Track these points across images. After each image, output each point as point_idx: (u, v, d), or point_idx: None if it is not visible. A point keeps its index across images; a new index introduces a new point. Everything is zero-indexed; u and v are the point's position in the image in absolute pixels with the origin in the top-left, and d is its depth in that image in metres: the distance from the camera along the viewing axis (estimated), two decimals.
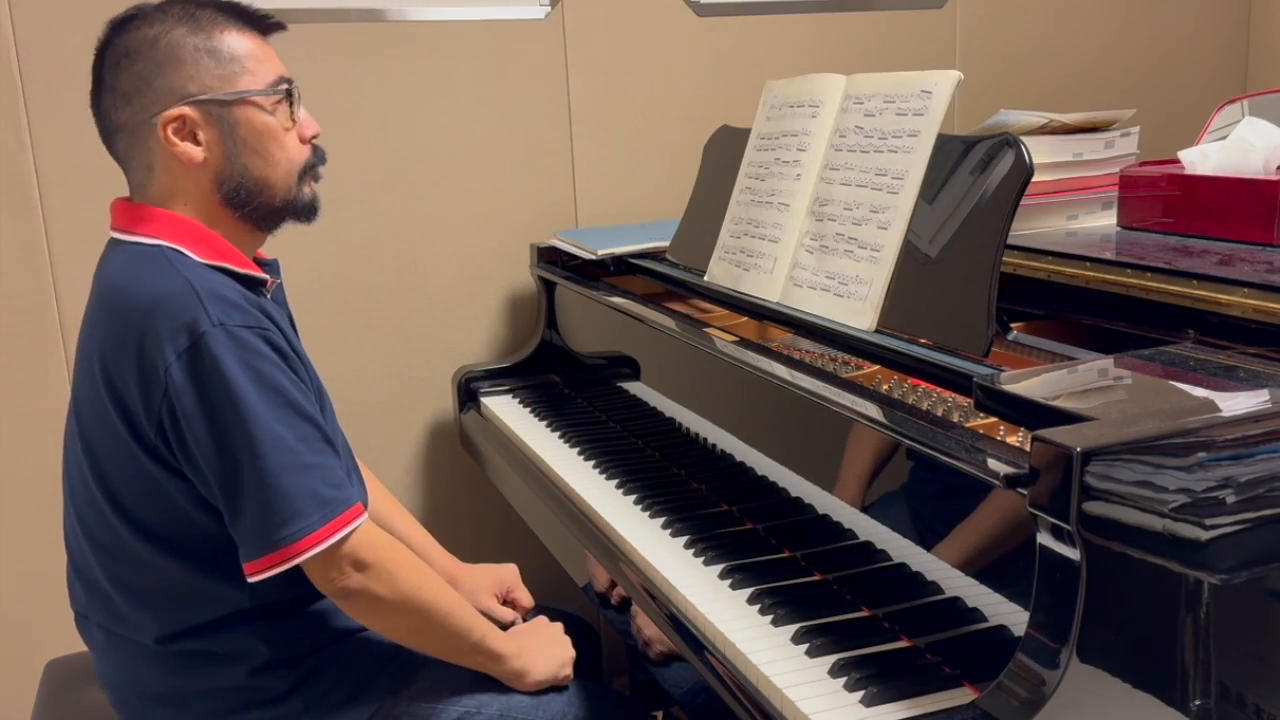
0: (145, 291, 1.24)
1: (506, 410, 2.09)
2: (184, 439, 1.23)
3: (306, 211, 1.40)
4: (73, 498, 1.37)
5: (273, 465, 1.22)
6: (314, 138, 1.40)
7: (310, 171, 1.39)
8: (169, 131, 1.28)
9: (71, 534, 1.38)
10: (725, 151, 1.81)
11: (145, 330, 1.22)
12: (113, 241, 1.34)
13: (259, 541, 1.23)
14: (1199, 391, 1.06)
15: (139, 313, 1.23)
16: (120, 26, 1.31)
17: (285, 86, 1.34)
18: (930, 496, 1.20)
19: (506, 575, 1.67)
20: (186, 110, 1.28)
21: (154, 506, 1.29)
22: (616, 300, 1.88)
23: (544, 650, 1.44)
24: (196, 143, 1.30)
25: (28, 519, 2.01)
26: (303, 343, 1.41)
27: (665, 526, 1.49)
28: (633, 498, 1.60)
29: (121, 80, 1.29)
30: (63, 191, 1.95)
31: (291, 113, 1.35)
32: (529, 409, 2.07)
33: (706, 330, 1.64)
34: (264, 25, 1.36)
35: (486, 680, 1.41)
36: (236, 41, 1.31)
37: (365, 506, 1.30)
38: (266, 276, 1.36)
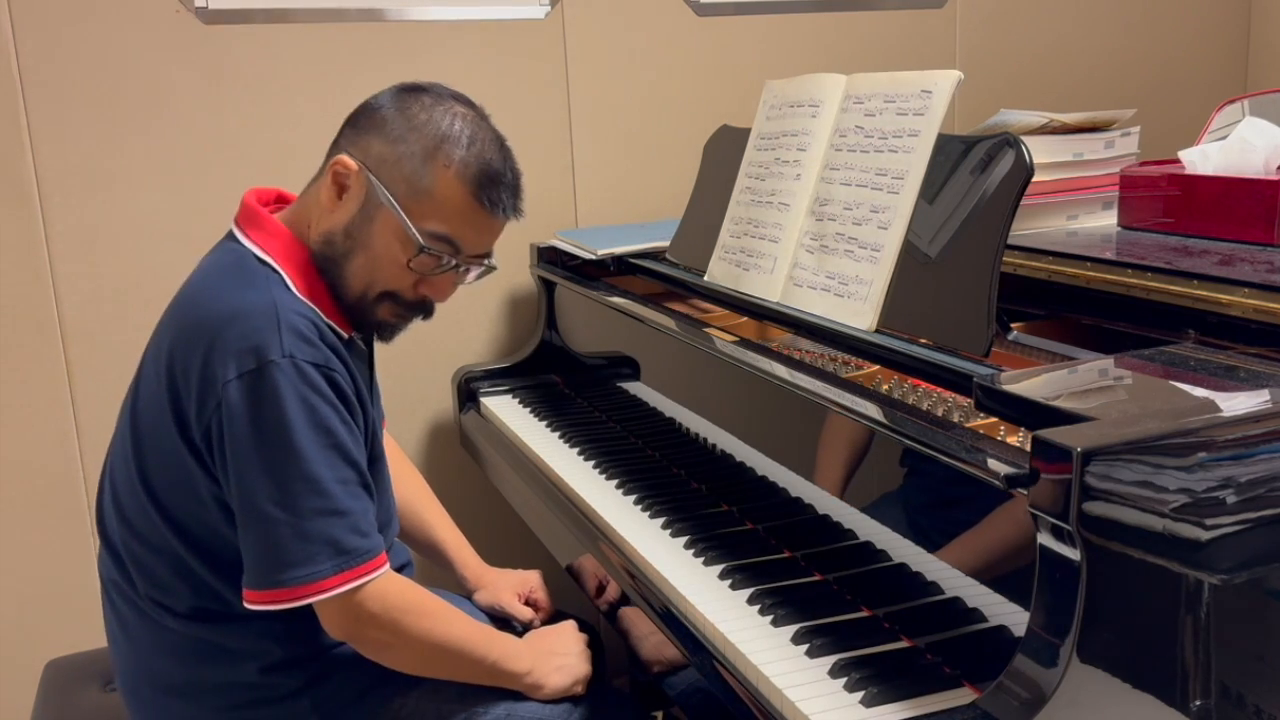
0: (230, 301, 1.25)
1: (506, 410, 2.09)
2: (225, 455, 1.24)
3: (371, 329, 1.40)
4: (111, 470, 1.39)
5: (302, 506, 1.22)
6: (431, 299, 1.38)
7: (395, 304, 1.36)
8: (335, 169, 1.31)
9: (108, 506, 1.39)
10: (725, 151, 1.81)
11: (215, 339, 1.23)
12: (229, 235, 1.36)
13: (266, 576, 1.23)
14: (1199, 391, 1.06)
15: (216, 320, 1.24)
16: (413, 90, 1.36)
17: (437, 253, 1.31)
18: (930, 496, 1.20)
19: (530, 579, 1.67)
20: (358, 168, 1.31)
21: (182, 497, 1.30)
22: (616, 300, 1.88)
23: (554, 672, 1.42)
24: (340, 195, 1.32)
25: (28, 519, 2.01)
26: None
27: (665, 527, 1.49)
28: (633, 498, 1.60)
29: (377, 117, 1.34)
30: (63, 191, 1.95)
31: (410, 262, 1.31)
32: (529, 409, 2.07)
33: (706, 330, 1.63)
34: (492, 205, 1.33)
35: None
36: (451, 187, 1.31)
37: (388, 557, 1.31)
38: (347, 334, 1.36)
